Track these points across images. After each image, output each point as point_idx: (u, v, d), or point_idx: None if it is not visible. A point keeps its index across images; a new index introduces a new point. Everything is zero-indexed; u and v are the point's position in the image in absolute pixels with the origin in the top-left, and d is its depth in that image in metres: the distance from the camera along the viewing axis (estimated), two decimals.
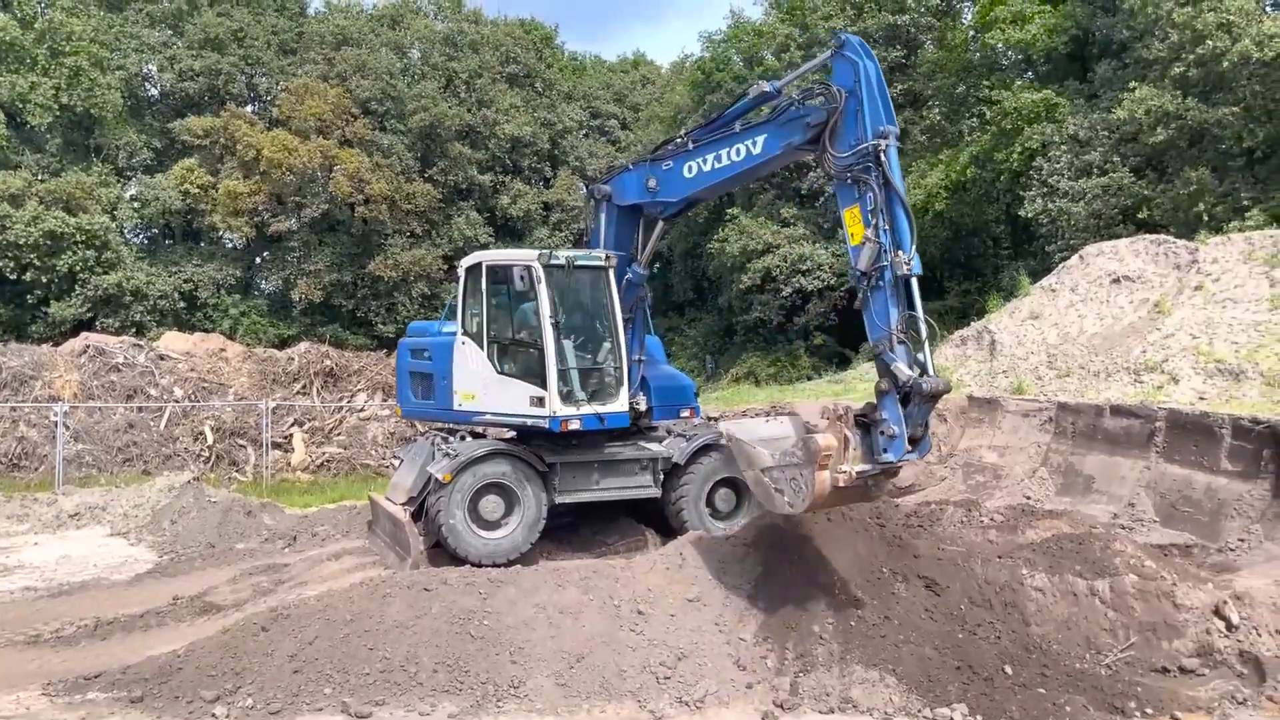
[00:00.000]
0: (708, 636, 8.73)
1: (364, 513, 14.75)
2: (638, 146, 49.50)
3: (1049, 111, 29.19)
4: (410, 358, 13.19)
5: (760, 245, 37.45)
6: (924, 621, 8.93)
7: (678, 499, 12.26)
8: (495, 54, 47.69)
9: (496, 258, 12.74)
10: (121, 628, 9.99)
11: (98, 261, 37.30)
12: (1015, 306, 21.77)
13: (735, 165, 11.15)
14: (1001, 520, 11.91)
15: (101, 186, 39.46)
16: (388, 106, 45.08)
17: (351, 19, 48.70)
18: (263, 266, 46.02)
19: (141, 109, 45.79)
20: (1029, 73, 33.87)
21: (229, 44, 44.63)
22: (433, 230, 45.08)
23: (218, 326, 39.67)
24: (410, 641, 8.38)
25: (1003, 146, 30.03)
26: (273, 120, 44.13)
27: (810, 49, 39.43)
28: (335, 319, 43.60)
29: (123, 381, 22.19)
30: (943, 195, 31.99)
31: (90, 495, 17.07)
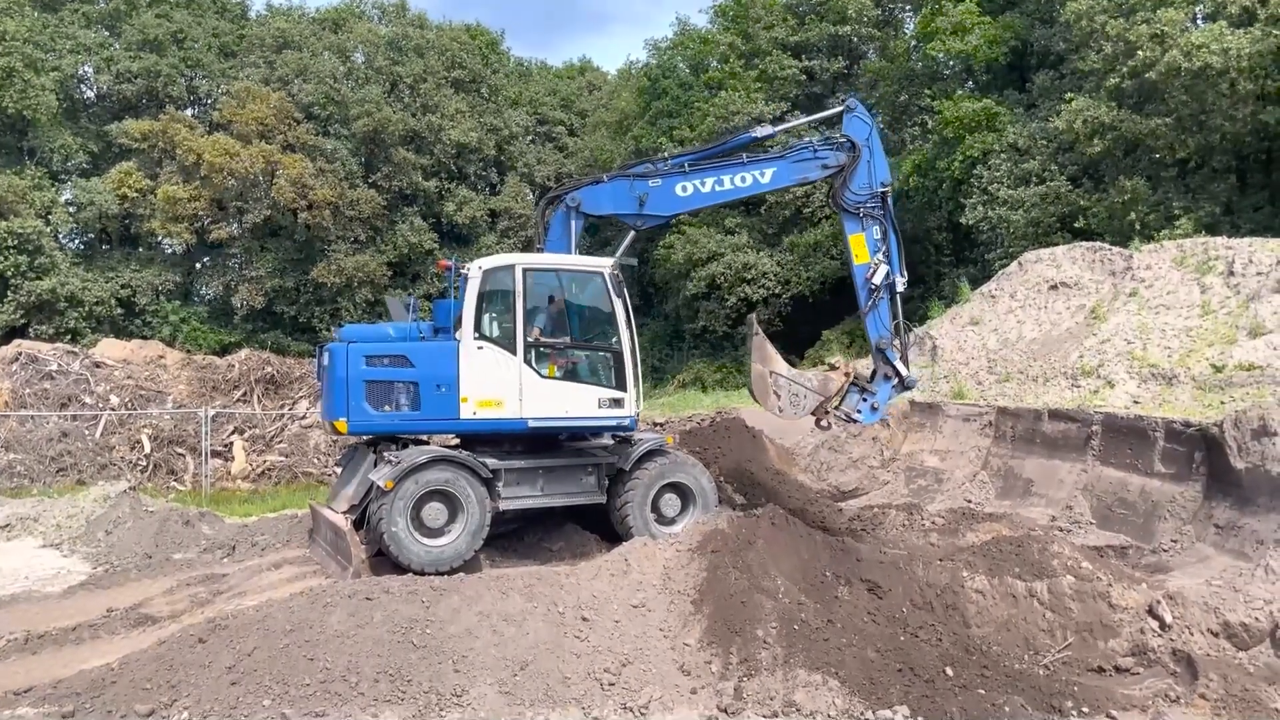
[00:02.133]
0: (652, 642, 8.72)
1: (305, 521, 14.51)
2: (585, 153, 49.53)
3: (989, 121, 29.74)
4: (366, 365, 11.77)
5: (705, 254, 37.67)
6: (866, 624, 9.02)
7: (623, 504, 12.22)
8: (440, 59, 47.43)
9: (550, 263, 12.47)
10: (53, 641, 9.73)
11: (30, 266, 36.51)
12: (956, 312, 22.08)
13: (740, 190, 13.04)
14: (943, 523, 12.10)
15: (34, 190, 38.62)
16: (331, 111, 44.65)
17: (293, 22, 48.16)
18: (203, 272, 45.31)
19: (77, 111, 44.85)
20: (969, 82, 34.49)
21: (168, 46, 43.93)
22: (377, 236, 44.70)
23: (157, 333, 38.95)
24: (351, 651, 8.26)
25: (944, 155, 30.53)
26: (213, 124, 43.48)
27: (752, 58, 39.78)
28: (277, 325, 43.04)
29: (56, 389, 21.67)
30: None
31: (22, 506, 16.59)
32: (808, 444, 17.49)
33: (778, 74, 38.78)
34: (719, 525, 10.19)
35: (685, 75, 44.57)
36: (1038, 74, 31.08)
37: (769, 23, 39.97)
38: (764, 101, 38.05)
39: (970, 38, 31.15)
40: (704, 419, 17.38)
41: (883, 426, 17.87)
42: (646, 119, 44.25)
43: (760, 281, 36.91)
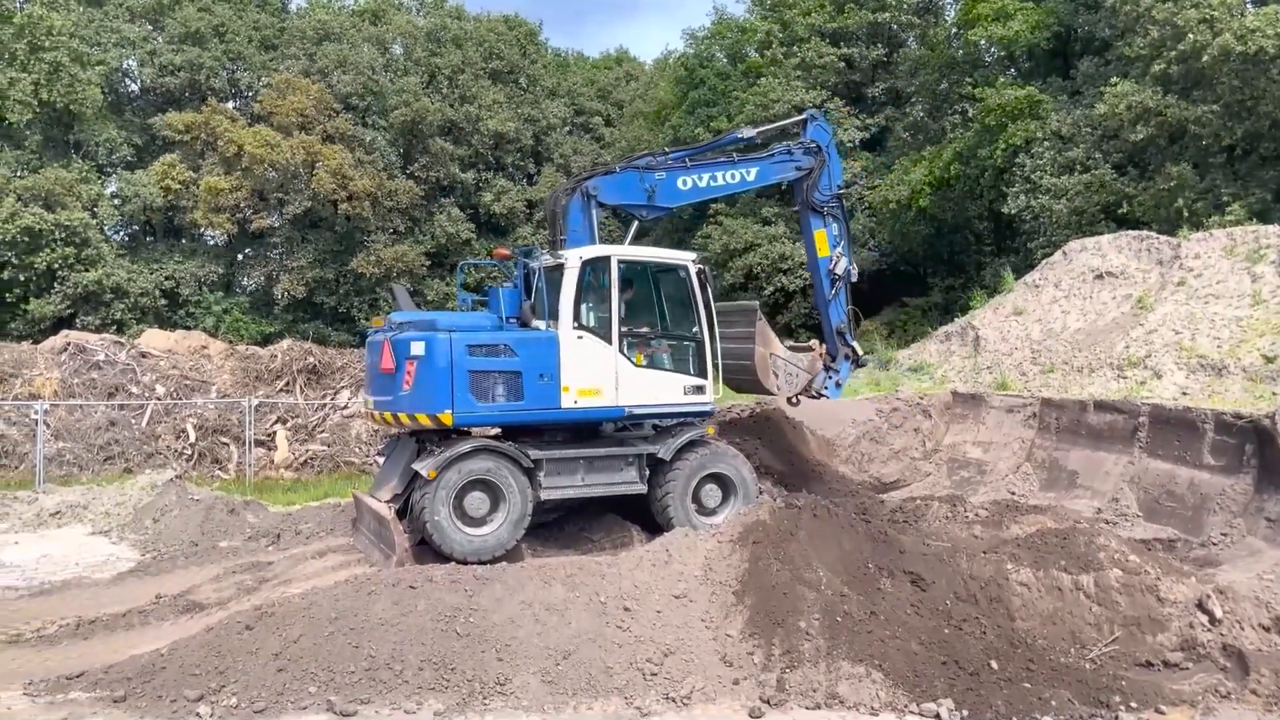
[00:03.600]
0: (694, 633, 8.71)
1: (348, 510, 14.66)
2: (622, 143, 49.49)
3: (1032, 108, 29.35)
4: (469, 355, 11.43)
5: (741, 244, 37.53)
6: (910, 617, 8.95)
7: (663, 495, 12.23)
8: (478, 50, 47.56)
9: (640, 255, 12.94)
10: (104, 627, 9.89)
11: (78, 259, 37.06)
12: (999, 302, 21.86)
13: (729, 186, 14.02)
14: (986, 515, 11.97)
15: (81, 183, 39.14)
16: (369, 102, 44.92)
17: (333, 14, 48.48)
18: (245, 263, 45.79)
19: (122, 104, 45.47)
20: (1012, 69, 34.08)
21: (210, 39, 44.35)
22: (415, 227, 44.95)
23: (200, 324, 39.45)
24: (396, 639, 8.33)
25: (986, 143, 30.18)
26: (254, 116, 43.88)
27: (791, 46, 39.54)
28: (318, 316, 43.43)
29: (103, 379, 22.02)
30: (926, 192, 32.10)
31: (71, 494, 16.91)
32: (849, 435, 17.38)
33: (816, 62, 38.50)
34: (760, 516, 10.14)
35: (723, 64, 44.36)
36: (1082, 60, 30.63)
37: (807, 9, 39.68)
38: (803, 90, 37.79)
39: (1013, 24, 30.75)
40: (744, 410, 17.30)
41: (925, 417, 17.76)
42: (684, 109, 44.12)
43: (797, 272, 36.70)
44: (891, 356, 22.79)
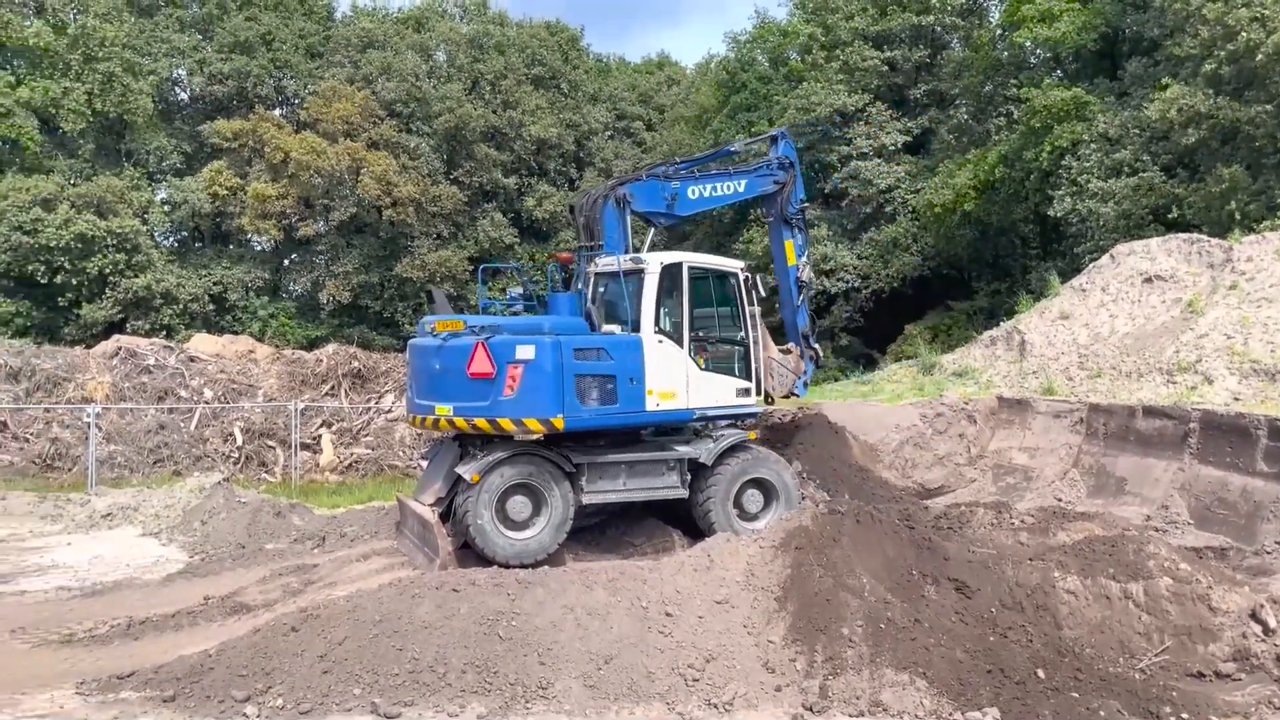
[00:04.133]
0: (736, 639, 8.69)
1: (392, 513, 14.80)
2: (663, 147, 49.46)
3: (1078, 110, 28.94)
4: (576, 359, 11.43)
5: None
6: (954, 624, 8.86)
7: (705, 500, 12.23)
8: (521, 56, 47.82)
9: (702, 261, 13.43)
10: (153, 627, 10.05)
11: (128, 264, 37.69)
12: (1045, 306, 21.58)
13: (725, 198, 14.57)
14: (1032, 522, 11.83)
15: (132, 190, 39.84)
16: (413, 109, 45.28)
17: (377, 22, 48.97)
18: (291, 269, 46.35)
19: (172, 113, 46.21)
20: (1058, 71, 33.62)
21: (257, 47, 44.96)
22: (459, 232, 45.26)
23: (246, 328, 39.99)
24: (439, 642, 8.39)
25: (1031, 145, 29.79)
26: (300, 123, 44.43)
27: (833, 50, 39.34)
28: (363, 320, 43.85)
29: (153, 383, 22.39)
30: (971, 195, 31.77)
31: (122, 496, 17.21)
32: (892, 440, 17.25)
33: (859, 65, 38.25)
34: (802, 522, 10.10)
35: (764, 68, 44.21)
36: (1130, 61, 30.16)
37: (849, 13, 39.46)
38: (845, 93, 37.57)
39: (1059, 25, 30.30)
40: (785, 414, 17.23)
41: (969, 423, 17.60)
42: (725, 113, 44.01)
43: (840, 274, 36.51)
44: (935, 361, 22.56)
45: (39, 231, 35.18)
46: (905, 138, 38.01)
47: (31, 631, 9.96)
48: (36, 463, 19.98)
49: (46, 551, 14.03)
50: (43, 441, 20.30)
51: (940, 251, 35.52)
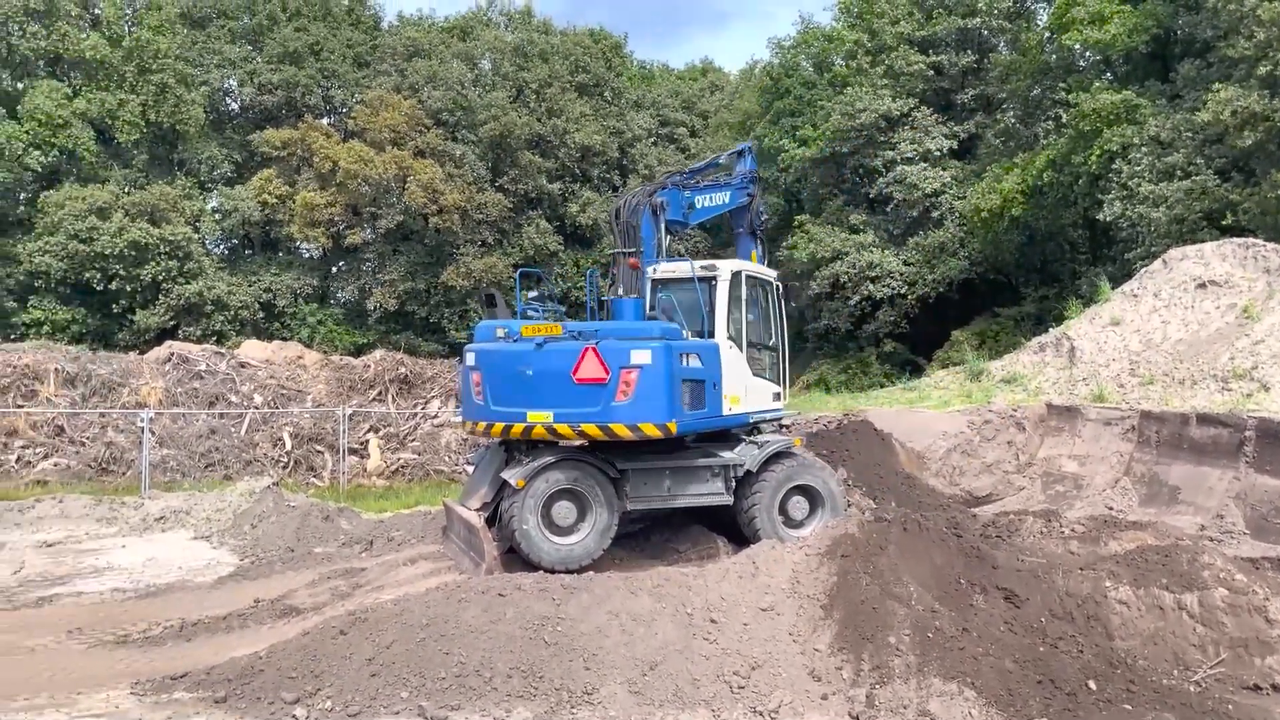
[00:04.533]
0: (782, 646, 8.66)
1: (438, 518, 14.92)
2: (707, 154, 49.46)
3: (1129, 113, 28.53)
4: (681, 364, 11.46)
5: (829, 252, 37.19)
6: (1003, 634, 8.76)
7: (750, 506, 12.19)
8: (565, 63, 48.07)
9: (754, 270, 13.64)
10: (205, 629, 10.21)
11: (180, 271, 38.34)
12: (1095, 313, 21.29)
13: (716, 208, 14.65)
14: (1083, 531, 11.68)
15: (184, 199, 40.56)
16: (459, 117, 45.66)
17: (423, 31, 49.45)
18: (339, 276, 46.88)
19: (222, 122, 46.98)
20: (1108, 73, 33.16)
21: (306, 57, 45.60)
22: (504, 239, 45.55)
23: (295, 335, 40.52)
24: (485, 646, 8.44)
25: (1080, 149, 29.41)
26: (348, 132, 44.97)
27: (878, 54, 39.13)
28: (409, 327, 44.24)
29: (205, 388, 22.75)
30: (1018, 200, 31.44)
31: (174, 499, 17.50)
32: (939, 448, 17.10)
33: (905, 70, 38.03)
34: (849, 529, 10.04)
35: (809, 74, 44.08)
36: (1182, 63, 29.67)
37: (895, 18, 39.23)
38: (890, 98, 37.36)
39: (1109, 27, 29.91)
40: (830, 421, 17.16)
41: (1018, 430, 17.41)
42: (769, 119, 43.95)
43: (885, 281, 36.27)
44: (983, 368, 22.33)
45: (94, 239, 35.89)
46: (951, 142, 37.72)
47: (88, 632, 10.15)
48: (92, 466, 20.36)
49: (102, 554, 14.29)
50: (98, 445, 20.68)
51: (987, 257, 35.18)
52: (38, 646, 9.68)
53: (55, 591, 12.10)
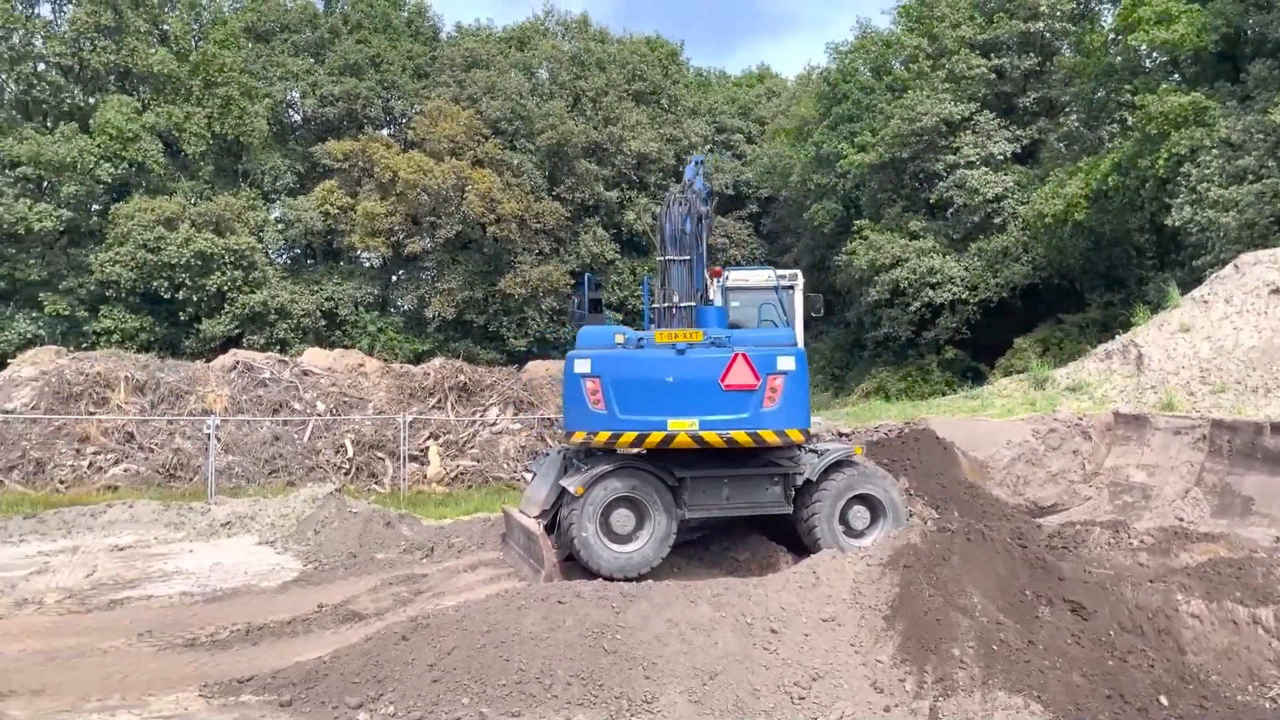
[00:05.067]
0: (843, 657, 8.56)
1: (497, 524, 15.01)
2: (764, 160, 49.39)
3: (1198, 115, 27.91)
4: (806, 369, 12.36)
5: (888, 258, 36.88)
6: (1070, 647, 8.58)
7: (810, 516, 12.08)
8: (621, 72, 48.25)
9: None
10: (271, 633, 10.36)
11: (245, 281, 39.07)
12: (1163, 319, 20.84)
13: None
14: (1152, 542, 11.42)
15: (249, 209, 41.36)
16: (517, 126, 46.04)
17: (481, 42, 49.95)
18: (399, 285, 47.46)
19: (285, 134, 47.87)
20: (1175, 75, 32.48)
21: (367, 69, 46.30)
22: (560, 247, 45.80)
23: (356, 343, 41.07)
24: (545, 654, 8.45)
25: (1147, 152, 28.84)
26: (408, 142, 45.56)
27: (938, 58, 38.76)
28: (468, 335, 44.65)
29: (269, 396, 23.14)
30: (1082, 204, 30.90)
31: (240, 505, 17.81)
32: (1003, 457, 16.83)
33: (966, 74, 37.64)
34: (911, 539, 9.90)
35: (867, 79, 43.79)
36: (1253, 63, 28.98)
37: (956, 21, 38.84)
38: (951, 102, 37.00)
39: (1176, 27, 29.31)
40: (891, 429, 16.96)
41: (1084, 439, 17.09)
42: (826, 124, 43.72)
43: (946, 286, 35.87)
44: (1047, 375, 21.96)
45: (162, 249, 36.75)
46: (1014, 146, 37.24)
47: (158, 635, 10.35)
48: (160, 472, 20.80)
49: (170, 558, 14.58)
50: (166, 452, 21.13)
51: (1051, 262, 34.64)
52: (110, 648, 9.89)
53: (126, 595, 12.37)
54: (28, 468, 20.37)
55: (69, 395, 21.76)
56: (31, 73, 39.08)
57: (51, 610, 11.62)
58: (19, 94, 39.68)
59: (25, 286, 37.24)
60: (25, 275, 36.83)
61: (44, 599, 12.04)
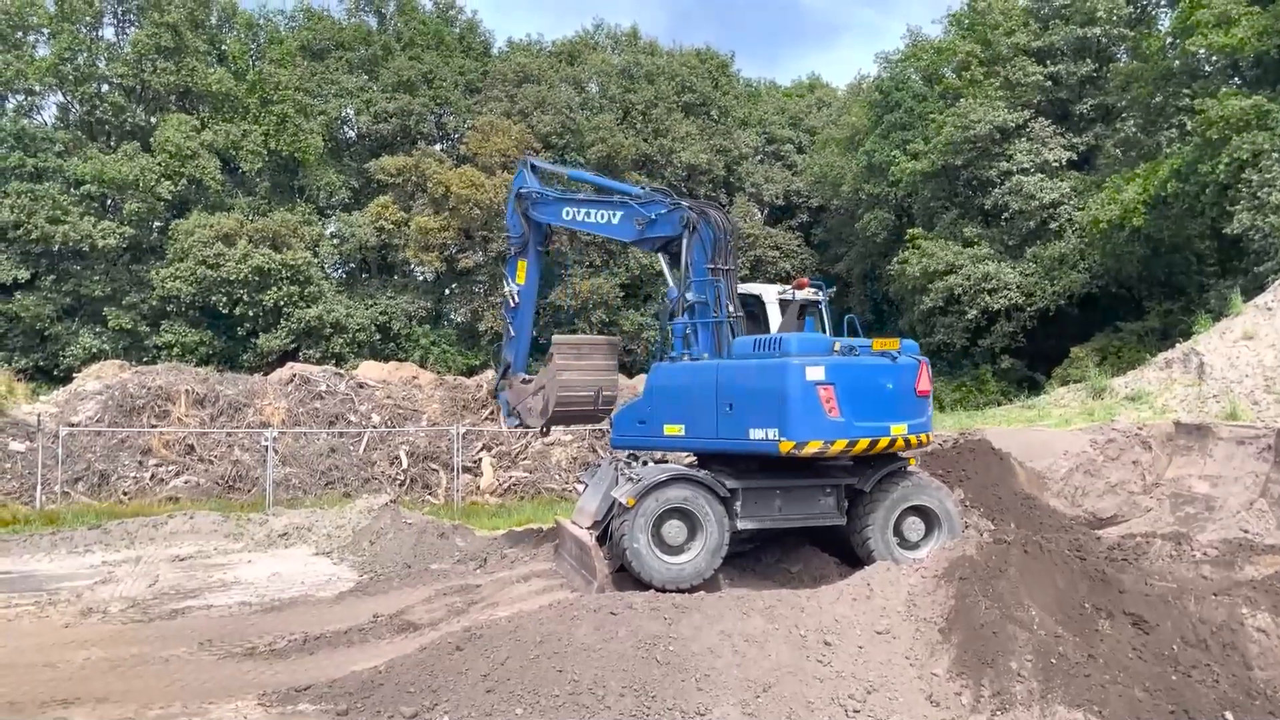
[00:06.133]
0: (898, 670, 8.47)
1: (550, 535, 15.07)
2: (814, 169, 49.22)
3: (1260, 119, 27.32)
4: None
5: (942, 266, 36.54)
6: (1132, 661, 8.42)
7: (863, 527, 11.96)
8: (671, 84, 48.37)
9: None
10: (327, 643, 10.48)
11: (301, 296, 39.66)
12: (1226, 327, 20.41)
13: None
14: (1216, 555, 11.16)
15: (304, 225, 42.03)
16: (567, 139, 46.31)
17: (532, 56, 50.35)
18: (452, 298, 47.87)
19: (340, 150, 48.59)
20: (1236, 78, 31.84)
21: (419, 86, 46.85)
22: (610, 260, 45.93)
23: (410, 356, 41.49)
24: (598, 665, 8.46)
25: (1207, 158, 28.27)
26: (460, 157, 45.98)
27: (992, 65, 38.38)
28: None
29: (325, 408, 23.47)
30: (1140, 211, 30.35)
31: (297, 516, 18.06)
32: (1060, 467, 16.56)
33: (1020, 80, 37.23)
34: (967, 551, 9.78)
35: (918, 87, 43.50)
36: None
37: (1009, 28, 38.44)
38: (1005, 109, 36.61)
39: (1236, 30, 28.74)
40: (946, 440, 16.76)
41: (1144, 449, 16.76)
42: (878, 133, 43.47)
43: (1002, 293, 35.45)
44: (1106, 384, 21.59)
45: (220, 265, 37.46)
46: (1070, 153, 36.75)
47: (218, 644, 10.53)
48: (220, 483, 21.19)
49: (230, 569, 14.83)
50: (225, 463, 21.52)
51: (1108, 269, 34.10)
52: (171, 657, 10.07)
53: (187, 604, 12.60)
54: (93, 479, 20.85)
55: (132, 409, 22.25)
56: (95, 93, 40.15)
57: (115, 619, 11.87)
58: (83, 114, 40.81)
59: (90, 302, 38.19)
60: (90, 291, 37.77)
61: (108, 608, 12.30)
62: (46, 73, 38.97)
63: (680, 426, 12.02)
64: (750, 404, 11.33)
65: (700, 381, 11.91)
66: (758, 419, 11.21)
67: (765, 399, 11.17)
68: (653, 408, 12.41)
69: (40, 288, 37.46)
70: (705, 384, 11.82)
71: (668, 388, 12.35)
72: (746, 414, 11.34)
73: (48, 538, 17.08)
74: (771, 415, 11.10)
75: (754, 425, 11.24)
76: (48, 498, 20.07)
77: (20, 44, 39.75)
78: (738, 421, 11.41)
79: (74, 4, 39.55)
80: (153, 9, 40.21)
